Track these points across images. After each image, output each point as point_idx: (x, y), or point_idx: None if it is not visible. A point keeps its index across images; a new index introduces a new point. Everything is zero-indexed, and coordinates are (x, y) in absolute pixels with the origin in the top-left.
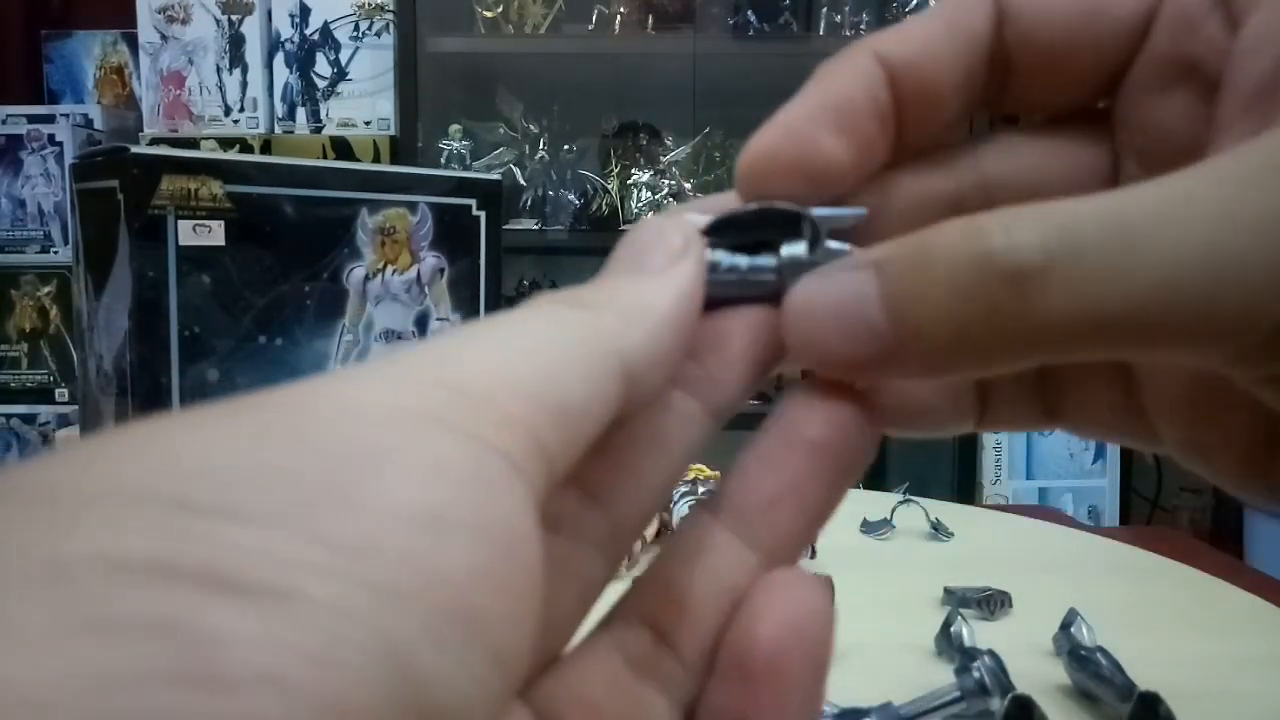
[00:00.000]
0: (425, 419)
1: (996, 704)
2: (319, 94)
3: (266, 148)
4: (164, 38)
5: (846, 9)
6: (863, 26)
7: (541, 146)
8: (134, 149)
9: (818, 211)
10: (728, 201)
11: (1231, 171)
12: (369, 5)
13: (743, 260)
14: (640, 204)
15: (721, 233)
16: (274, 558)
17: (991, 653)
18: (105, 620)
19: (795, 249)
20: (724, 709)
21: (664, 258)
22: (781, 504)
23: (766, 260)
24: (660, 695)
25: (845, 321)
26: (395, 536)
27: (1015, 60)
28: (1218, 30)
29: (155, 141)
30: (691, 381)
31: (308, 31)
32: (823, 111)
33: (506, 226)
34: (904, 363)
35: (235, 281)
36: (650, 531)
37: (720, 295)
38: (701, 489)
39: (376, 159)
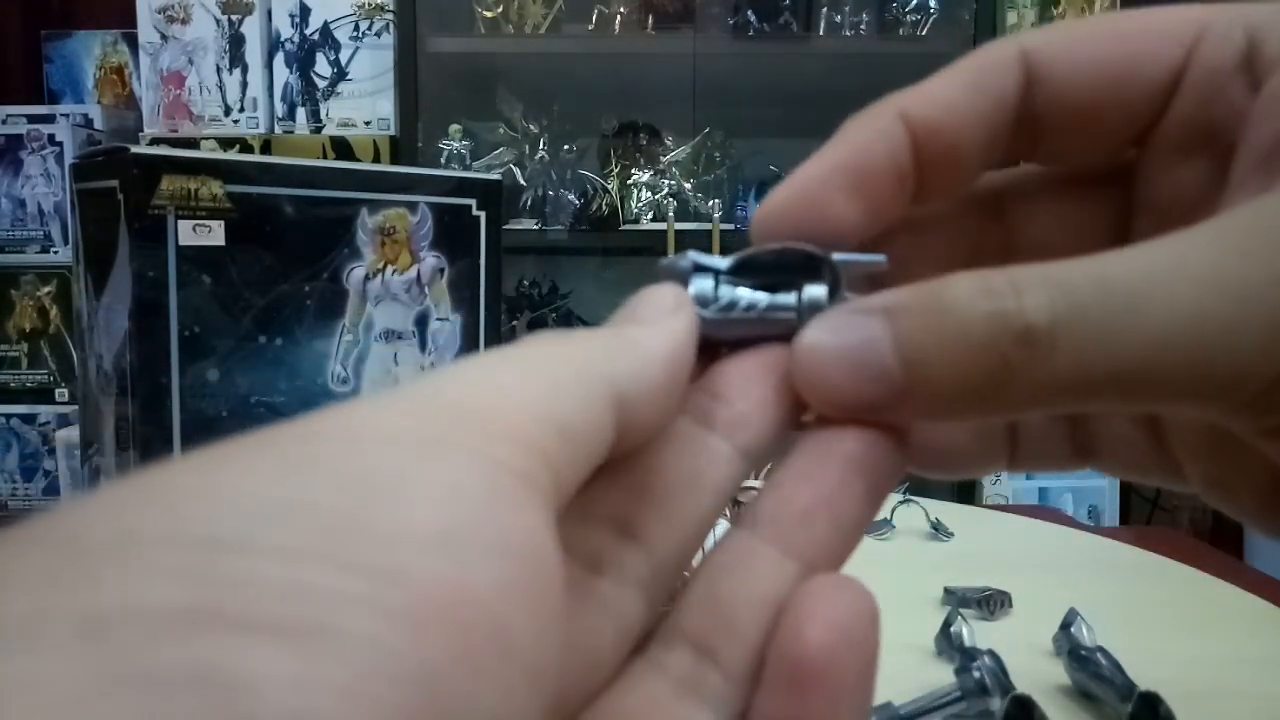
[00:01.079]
0: (437, 442)
1: (996, 704)
2: (319, 94)
3: (266, 148)
4: (164, 38)
5: (846, 9)
6: (862, 27)
7: (541, 146)
8: (134, 149)
9: (838, 256)
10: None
11: (1221, 237)
12: (369, 5)
13: (763, 298)
14: (640, 204)
15: (742, 272)
16: (303, 593)
17: (991, 653)
18: (143, 675)
19: (816, 291)
20: (775, 716)
21: (656, 313)
22: (816, 515)
23: (787, 299)
24: (705, 711)
25: (856, 365)
26: (419, 560)
27: (1042, 120)
28: (1241, 95)
29: (155, 141)
30: (721, 423)
31: (308, 31)
32: (839, 172)
33: (506, 226)
34: (913, 406)
35: (235, 281)
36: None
37: (740, 334)
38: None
39: (376, 159)
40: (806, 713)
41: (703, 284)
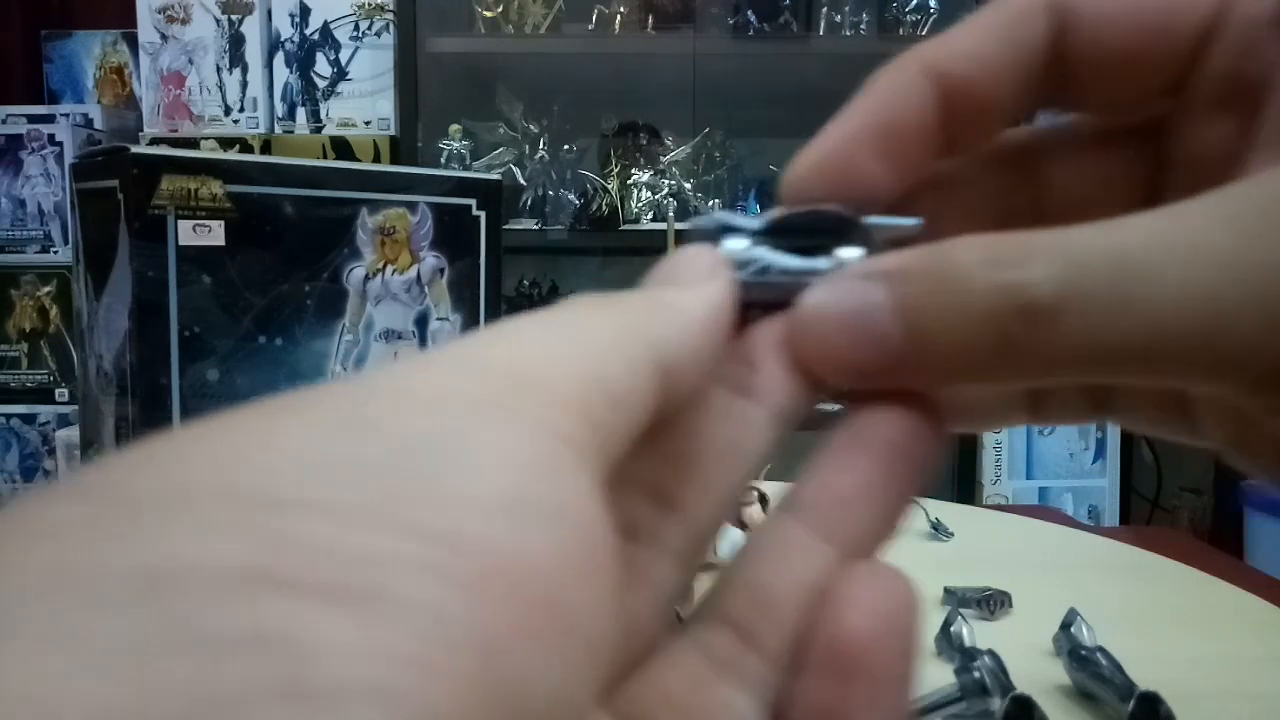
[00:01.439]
0: (492, 406)
1: (996, 704)
2: (319, 94)
3: (266, 148)
4: (164, 38)
5: (846, 9)
6: (863, 27)
7: (541, 146)
8: (134, 149)
9: (871, 220)
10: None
11: (1236, 215)
12: (369, 5)
13: (795, 261)
14: (640, 204)
15: (775, 235)
16: (365, 556)
17: (991, 653)
18: (200, 636)
19: (850, 254)
20: (817, 703)
21: (693, 276)
22: (856, 501)
23: (821, 263)
24: (743, 693)
25: (856, 330)
26: (480, 527)
27: (1072, 70)
28: (1274, 50)
29: (155, 141)
30: (756, 390)
31: (308, 31)
32: (866, 131)
33: (506, 226)
34: (912, 373)
35: (235, 281)
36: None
37: (773, 297)
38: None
39: (376, 159)
40: (848, 699)
41: (734, 246)
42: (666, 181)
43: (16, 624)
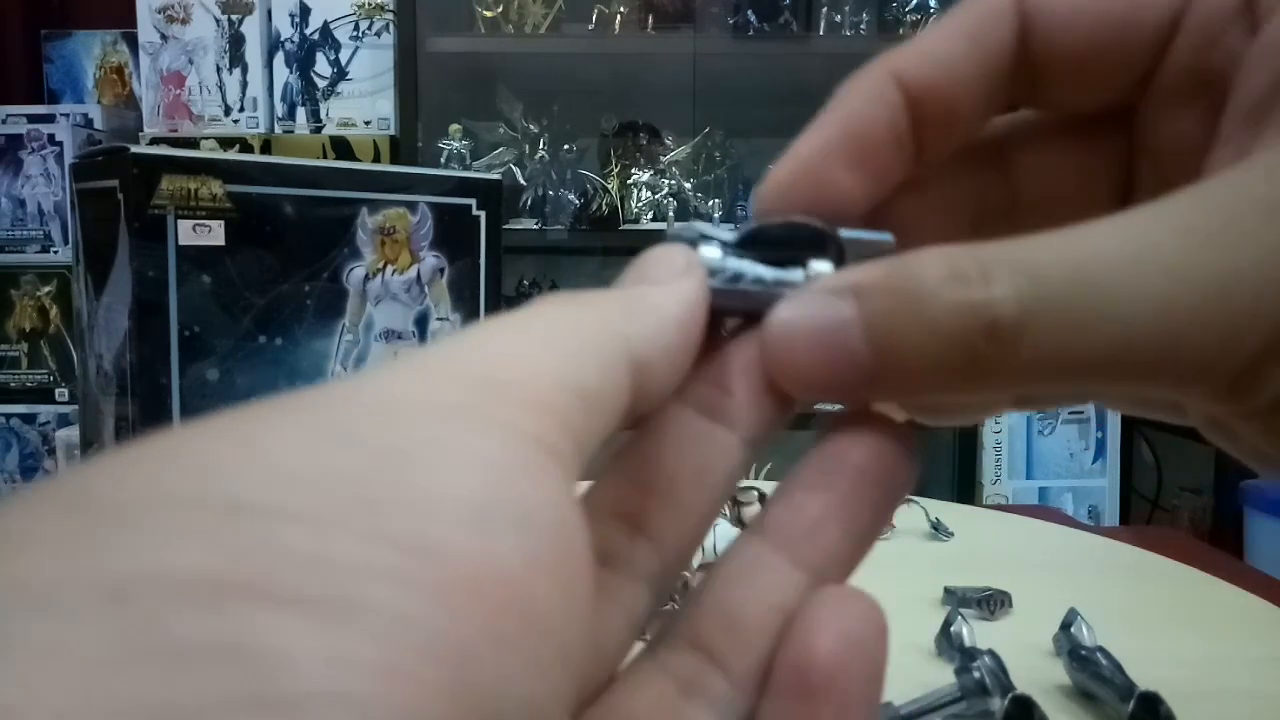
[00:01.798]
0: (463, 411)
1: (996, 704)
2: (319, 94)
3: (266, 148)
4: (164, 37)
5: (846, 9)
6: (862, 27)
7: (541, 146)
8: (134, 149)
9: (845, 233)
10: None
11: (1191, 224)
12: (369, 5)
13: (768, 273)
14: (640, 204)
15: (748, 246)
16: (335, 563)
17: (991, 653)
18: (167, 645)
19: (822, 267)
20: None
21: (667, 274)
22: (827, 526)
23: (794, 274)
24: (710, 715)
25: (824, 347)
26: (450, 533)
27: (1039, 69)
28: (1239, 40)
29: (155, 141)
30: (725, 414)
31: (308, 31)
32: (837, 144)
33: (506, 226)
34: (883, 389)
35: (235, 281)
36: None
37: (744, 307)
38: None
39: (376, 159)
40: None
41: (709, 253)
42: (666, 181)
43: None
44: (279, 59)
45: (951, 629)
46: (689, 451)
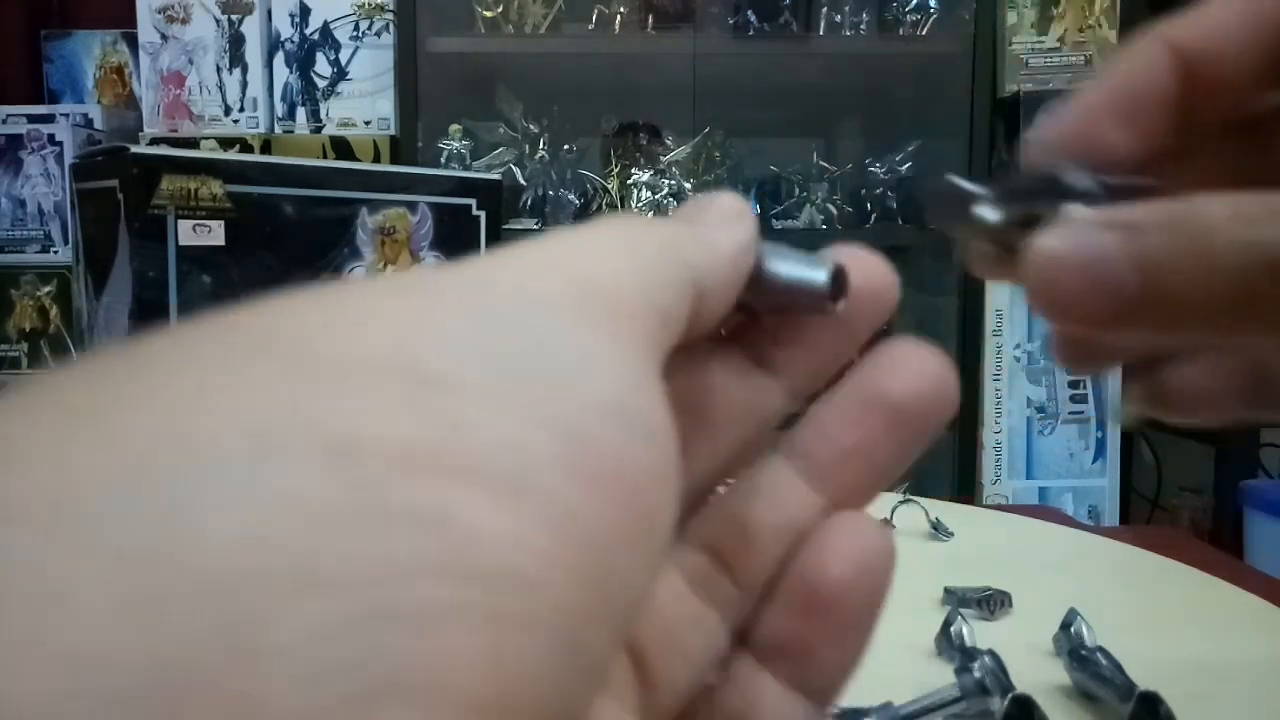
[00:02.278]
0: (577, 312)
1: (996, 704)
2: (319, 94)
3: (266, 148)
4: (164, 37)
5: (846, 9)
6: (862, 27)
7: (541, 146)
8: (134, 149)
9: (1110, 180)
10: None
11: None
12: (369, 5)
13: (793, 268)
14: (640, 204)
15: (1006, 195)
16: (512, 445)
17: (991, 653)
18: (383, 508)
19: (1080, 212)
20: (785, 635)
21: (722, 216)
22: (854, 459)
23: (819, 274)
24: (714, 611)
25: (1091, 275)
26: (601, 429)
27: None
28: None
29: (155, 141)
30: (774, 362)
31: (308, 31)
32: (1110, 101)
33: (506, 226)
34: (1144, 320)
35: (235, 281)
36: None
37: (768, 299)
38: None
39: (376, 159)
40: (816, 637)
41: (981, 208)
42: (666, 181)
43: (218, 475)
44: (279, 59)
45: (951, 629)
46: (737, 389)
